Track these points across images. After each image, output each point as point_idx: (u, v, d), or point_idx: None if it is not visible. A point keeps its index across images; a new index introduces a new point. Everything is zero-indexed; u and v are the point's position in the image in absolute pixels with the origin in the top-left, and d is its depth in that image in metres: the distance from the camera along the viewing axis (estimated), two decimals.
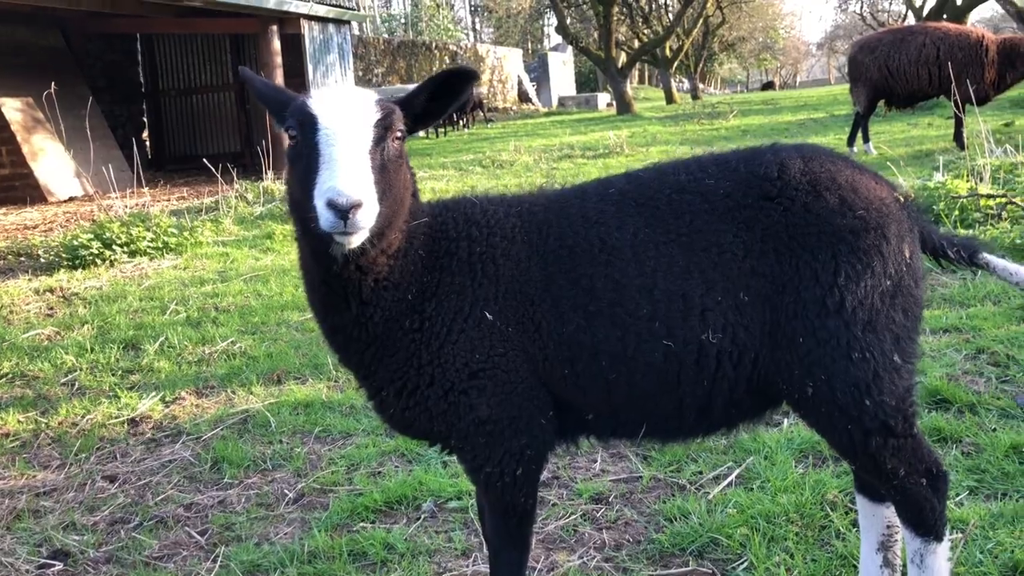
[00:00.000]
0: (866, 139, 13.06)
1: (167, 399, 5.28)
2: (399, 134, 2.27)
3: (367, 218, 2.10)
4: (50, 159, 15.71)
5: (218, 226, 11.17)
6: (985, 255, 2.49)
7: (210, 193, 14.15)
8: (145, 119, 21.47)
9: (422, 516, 3.67)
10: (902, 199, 2.44)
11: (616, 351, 2.35)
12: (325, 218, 2.09)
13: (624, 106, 29.04)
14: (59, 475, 4.36)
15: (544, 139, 21.11)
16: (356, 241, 2.17)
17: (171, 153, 21.25)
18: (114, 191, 12.66)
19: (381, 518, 3.69)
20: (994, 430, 3.75)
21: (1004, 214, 7.15)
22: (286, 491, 4.02)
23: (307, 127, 2.22)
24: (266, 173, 14.26)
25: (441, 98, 2.36)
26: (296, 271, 8.45)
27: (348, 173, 2.10)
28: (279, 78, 16.50)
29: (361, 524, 3.63)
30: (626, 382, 2.38)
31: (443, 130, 27.22)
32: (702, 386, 2.36)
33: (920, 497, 2.36)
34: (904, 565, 2.67)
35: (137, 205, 12.48)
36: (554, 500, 3.70)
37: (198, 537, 3.68)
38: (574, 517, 3.54)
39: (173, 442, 4.71)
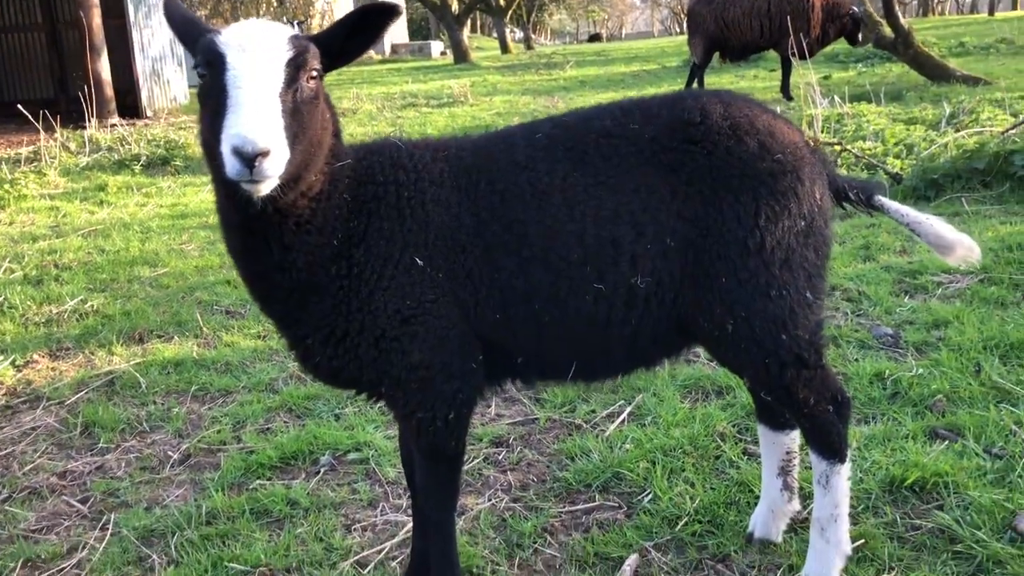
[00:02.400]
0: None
1: (18, 363, 4.91)
2: (314, 73, 2.16)
3: (275, 166, 2.00)
4: None
5: (42, 178, 10.36)
6: (879, 197, 2.63)
7: (27, 142, 13.05)
8: None
9: (321, 470, 3.61)
10: (811, 144, 2.55)
11: (549, 295, 2.38)
12: (231, 165, 1.98)
13: (461, 55, 28.85)
14: None
15: (383, 87, 20.71)
16: (265, 189, 2.07)
17: None
18: None
19: (278, 474, 3.60)
20: (856, 360, 4.07)
21: (839, 160, 7.67)
22: (170, 453, 3.85)
23: (215, 66, 2.09)
24: (89, 121, 13.28)
25: (360, 35, 2.26)
26: (139, 225, 8.02)
27: (255, 118, 1.99)
28: (96, 18, 15.32)
29: (258, 482, 3.54)
30: (558, 324, 2.41)
31: None
32: (630, 325, 2.43)
33: (827, 423, 2.51)
34: (799, 488, 2.90)
35: None
36: None
37: (80, 506, 3.47)
38: (477, 461, 3.58)
39: (32, 408, 4.39)
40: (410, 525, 3.15)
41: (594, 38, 54.37)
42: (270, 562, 2.99)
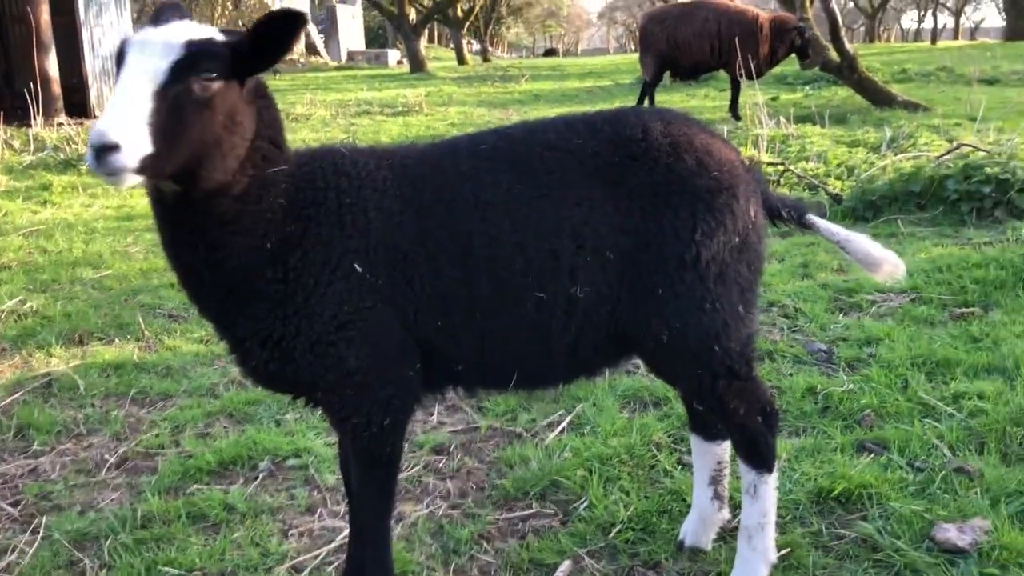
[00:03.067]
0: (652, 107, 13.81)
1: None
2: (205, 76, 2.14)
3: (125, 161, 2.01)
4: None
5: None
6: (810, 216, 2.72)
7: None
8: None
9: (260, 475, 3.60)
10: (747, 163, 2.64)
11: (491, 303, 2.42)
12: (88, 157, 2.04)
13: (417, 64, 28.86)
14: None
15: (338, 93, 20.63)
16: (122, 182, 2.07)
17: None
18: None
19: (216, 479, 3.59)
20: (791, 375, 4.18)
21: (782, 180, 7.85)
22: (106, 456, 3.81)
23: (119, 63, 2.18)
24: (35, 119, 13.03)
25: (267, 45, 2.23)
26: (83, 226, 7.90)
27: (112, 114, 2.04)
28: (44, 14, 15.05)
29: (196, 486, 3.52)
30: (499, 332, 2.46)
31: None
32: (570, 334, 2.47)
33: (757, 433, 2.58)
34: (730, 497, 2.98)
35: None
36: None
37: (10, 509, 3.42)
38: (417, 468, 3.60)
39: None
40: (347, 531, 3.17)
41: (550, 52, 54.74)
42: (205, 566, 2.98)
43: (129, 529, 3.21)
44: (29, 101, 13.04)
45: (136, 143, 2.03)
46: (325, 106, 17.21)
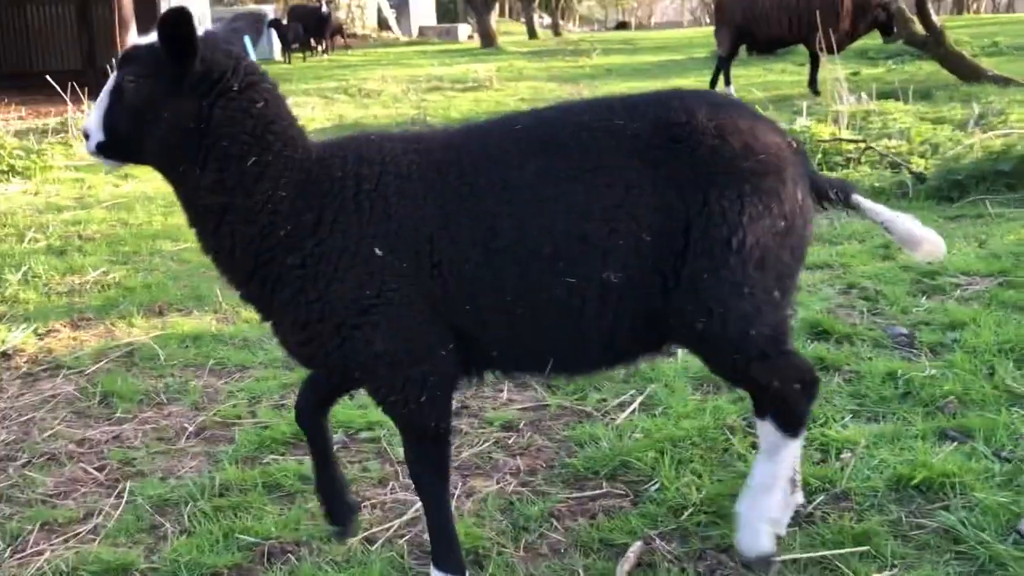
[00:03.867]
0: (728, 82, 13.51)
1: (39, 331, 4.99)
2: (131, 78, 2.37)
3: (89, 146, 2.47)
4: None
5: (68, 149, 10.48)
6: (857, 196, 2.70)
7: (55, 113, 13.16)
8: None
9: (333, 448, 3.65)
10: (794, 145, 2.59)
11: (519, 287, 2.42)
12: None
13: (488, 39, 28.79)
14: None
15: (409, 69, 20.73)
16: (104, 166, 2.63)
17: (3, 68, 19.56)
18: None
19: (291, 450, 3.65)
20: (870, 359, 4.07)
21: (863, 158, 7.63)
22: (186, 425, 3.91)
23: None
24: None
25: (175, 44, 2.31)
26: (162, 199, 8.11)
27: (94, 108, 2.48)
28: None
29: (271, 456, 3.59)
30: (530, 316, 2.45)
31: (301, 55, 26.24)
32: (606, 319, 2.46)
33: (793, 401, 2.57)
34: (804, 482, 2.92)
35: None
36: (465, 429, 3.76)
37: (96, 473, 3.54)
38: (487, 445, 3.62)
39: (53, 376, 4.47)
40: (419, 505, 3.21)
41: (621, 26, 54.07)
42: (280, 535, 3.04)
43: (208, 496, 3.29)
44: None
45: (95, 133, 2.44)
46: (396, 82, 17.31)
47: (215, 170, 2.36)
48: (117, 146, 2.44)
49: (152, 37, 2.36)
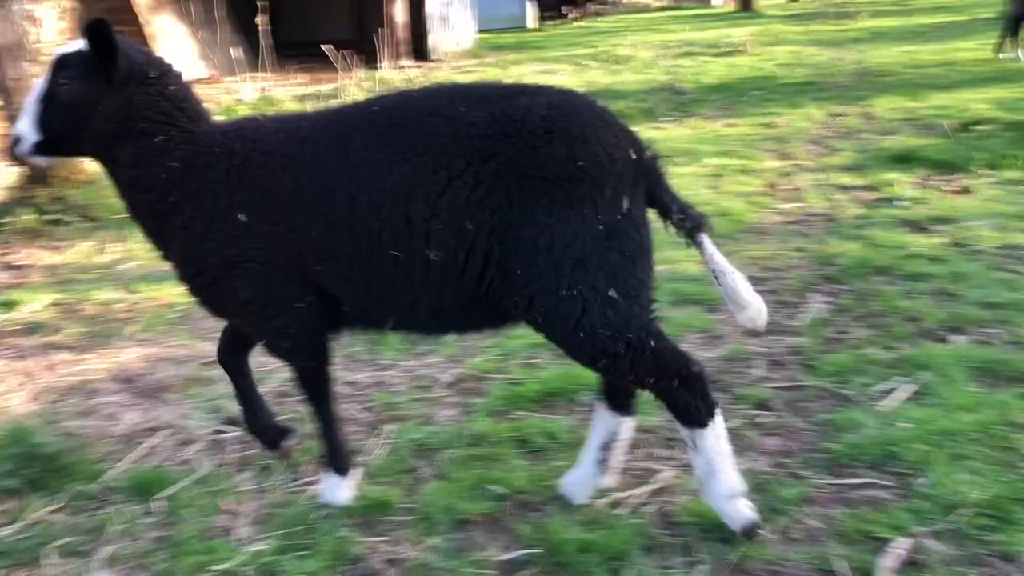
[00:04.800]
0: (1018, 45, 12.14)
1: None
2: (63, 81, 2.73)
3: (23, 148, 2.81)
4: (173, 41, 15.94)
5: None
6: (702, 235, 2.68)
7: (328, 80, 14.18)
8: (260, 3, 21.52)
9: (581, 410, 3.68)
10: (634, 156, 2.60)
11: (354, 255, 2.68)
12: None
13: (745, 2, 27.71)
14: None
15: (661, 34, 20.38)
16: (35, 162, 3.02)
17: (286, 38, 21.31)
18: (234, 74, 12.79)
19: (539, 408, 3.71)
20: None
21: None
22: (442, 376, 4.08)
23: None
24: (381, 62, 14.21)
25: (100, 49, 2.69)
26: None
27: (23, 112, 2.81)
28: None
29: (520, 412, 3.67)
30: (365, 281, 2.72)
31: (552, 22, 26.55)
32: (433, 290, 2.66)
33: (676, 397, 2.62)
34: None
35: (260, 89, 12.62)
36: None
37: (363, 414, 3.78)
38: (738, 422, 3.49)
39: None
40: (665, 473, 3.16)
41: None
42: (528, 489, 3.10)
43: (461, 445, 3.43)
44: (377, 45, 14.23)
45: (29, 135, 2.77)
46: (647, 47, 17.07)
47: (133, 148, 2.77)
48: (53, 143, 2.80)
49: (77, 45, 2.74)
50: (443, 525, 2.95)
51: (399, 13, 16.48)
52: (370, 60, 14.88)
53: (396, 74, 14.03)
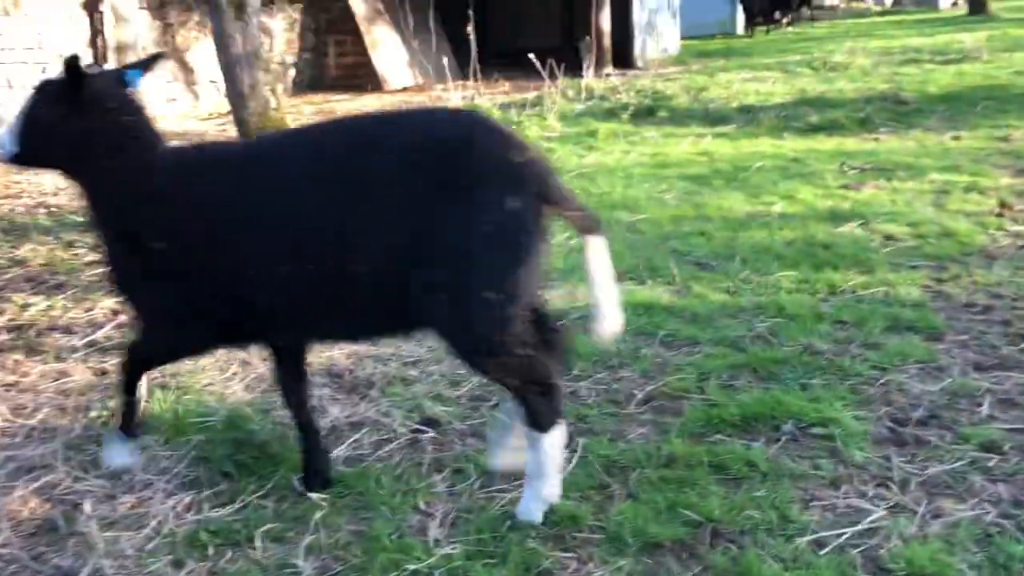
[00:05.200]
0: None
1: None
2: (44, 104, 3.05)
3: (3, 156, 3.11)
4: (388, 50, 16.72)
5: (543, 122, 11.34)
6: (591, 237, 2.88)
7: (533, 88, 14.38)
8: (471, 12, 22.20)
9: (782, 438, 3.49)
10: (523, 163, 2.75)
11: (285, 269, 2.87)
12: None
13: (977, 5, 25.68)
14: (421, 347, 4.63)
15: (881, 40, 19.25)
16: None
17: (494, 47, 21.86)
18: (443, 82, 13.22)
19: (738, 433, 3.56)
20: None
21: None
22: (635, 391, 4.00)
23: None
24: (586, 70, 14.24)
25: (74, 80, 3.00)
26: (622, 171, 8.44)
27: (10, 125, 3.11)
28: None
29: (718, 436, 3.53)
30: (295, 291, 2.91)
31: (765, 29, 25.73)
32: (358, 300, 2.87)
33: (531, 402, 2.86)
34: None
35: (465, 97, 12.98)
36: (935, 441, 3.37)
37: None
38: (960, 464, 3.19)
39: None
40: (876, 514, 2.94)
41: None
42: (723, 518, 2.97)
43: (654, 465, 3.33)
44: (581, 54, 14.27)
45: (9, 146, 3.08)
46: (865, 54, 16.16)
47: (91, 167, 3.05)
48: (29, 156, 3.13)
49: (60, 75, 3.03)
50: (633, 547, 2.87)
51: (605, 21, 16.50)
52: (575, 68, 14.96)
53: (599, 82, 14.03)
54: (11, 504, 3.19)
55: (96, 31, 10.27)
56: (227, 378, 4.27)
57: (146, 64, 3.36)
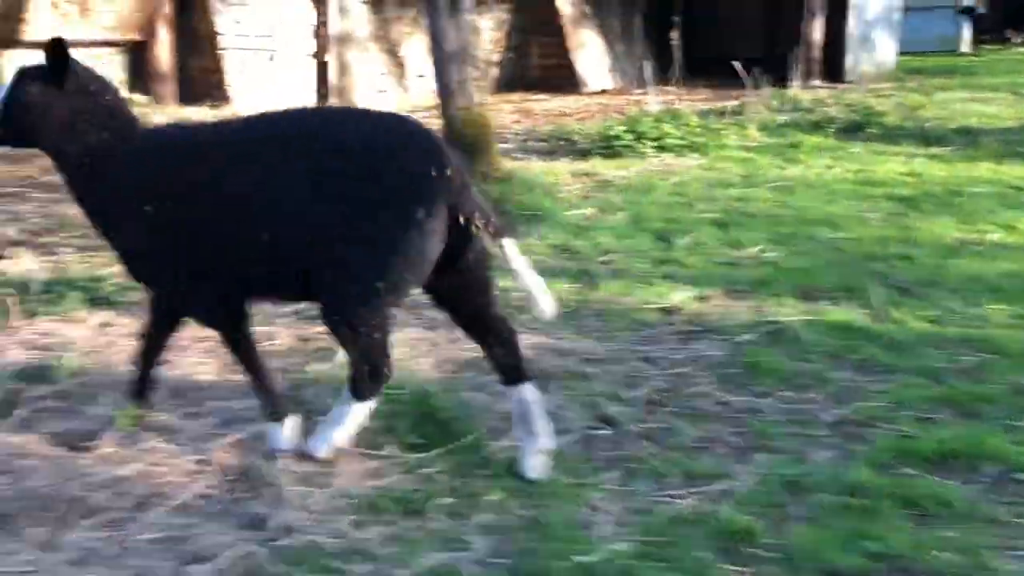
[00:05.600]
0: None
1: (698, 295, 5.37)
2: (29, 85, 3.26)
3: None
4: (590, 52, 16.86)
5: (742, 131, 11.07)
6: (506, 239, 3.16)
7: (734, 97, 14.08)
8: (675, 19, 21.96)
9: (983, 480, 3.26)
10: (437, 174, 3.05)
11: (225, 240, 3.24)
12: None
13: None
14: (600, 346, 4.66)
15: None
16: None
17: (696, 54, 21.53)
18: (642, 87, 13.19)
19: (932, 469, 3.35)
20: None
21: None
22: (822, 414, 3.85)
23: None
24: (792, 80, 13.79)
25: (56, 63, 3.25)
26: (824, 187, 8.13)
27: None
28: None
29: (908, 469, 3.34)
30: (234, 260, 3.27)
31: (991, 46, 23.97)
32: (276, 268, 3.23)
33: (362, 377, 3.24)
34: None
35: (664, 102, 12.87)
36: None
37: (733, 437, 3.68)
38: None
39: (703, 338, 4.77)
40: None
41: None
42: (908, 555, 2.81)
43: (837, 491, 3.20)
44: (789, 64, 13.81)
45: None
46: None
47: (73, 143, 3.27)
48: (14, 135, 3.33)
49: (40, 60, 3.25)
50: (809, 571, 2.77)
51: (816, 31, 15.92)
52: (779, 79, 14.51)
53: (806, 93, 13.54)
54: (219, 451, 3.47)
55: (321, 22, 10.92)
56: (416, 355, 4.45)
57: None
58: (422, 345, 4.59)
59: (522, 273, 3.18)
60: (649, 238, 6.59)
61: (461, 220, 3.10)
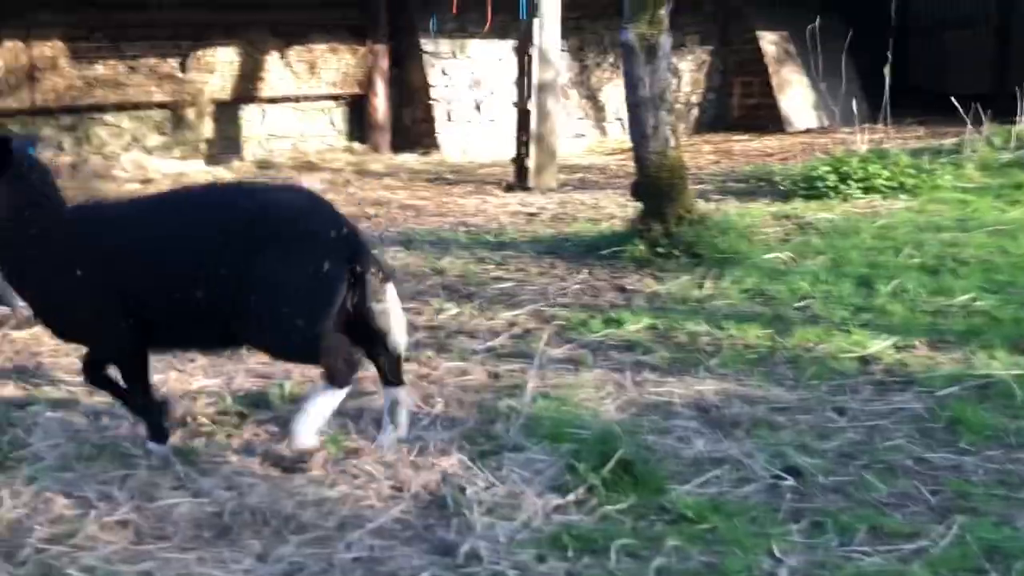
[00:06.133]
0: None
1: (899, 344, 5.15)
2: None
3: None
4: (795, 91, 16.44)
5: (958, 170, 10.44)
6: (388, 284, 3.91)
7: (952, 135, 13.28)
8: (889, 54, 21.00)
9: None
10: (335, 234, 3.78)
11: (157, 298, 3.76)
12: None
13: None
14: (792, 395, 4.57)
15: None
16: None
17: (912, 90, 20.47)
18: (849, 125, 12.68)
19: None
20: None
21: None
22: None
23: None
24: (1020, 117, 12.80)
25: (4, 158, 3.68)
26: None
27: None
28: None
29: None
30: (167, 315, 3.80)
31: None
32: (206, 323, 3.79)
33: (335, 368, 3.76)
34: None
35: (872, 141, 12.33)
36: None
37: (929, 496, 3.52)
38: None
39: (903, 390, 4.57)
40: None
41: None
42: None
43: None
44: (1018, 99, 12.85)
45: None
46: None
47: (8, 219, 3.67)
48: None
49: None
50: None
51: None
52: (1005, 115, 13.54)
53: None
54: (415, 479, 3.72)
55: (523, 71, 11.36)
56: (602, 396, 4.55)
57: (33, 140, 4.18)
58: (608, 386, 4.68)
59: (391, 311, 3.89)
60: (850, 283, 6.36)
61: (358, 269, 3.77)
